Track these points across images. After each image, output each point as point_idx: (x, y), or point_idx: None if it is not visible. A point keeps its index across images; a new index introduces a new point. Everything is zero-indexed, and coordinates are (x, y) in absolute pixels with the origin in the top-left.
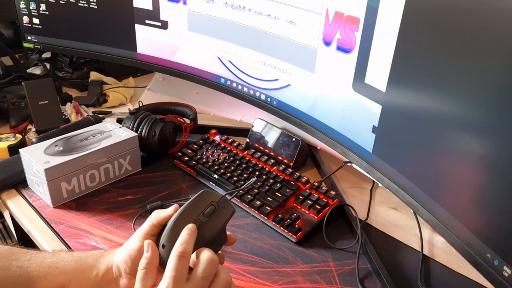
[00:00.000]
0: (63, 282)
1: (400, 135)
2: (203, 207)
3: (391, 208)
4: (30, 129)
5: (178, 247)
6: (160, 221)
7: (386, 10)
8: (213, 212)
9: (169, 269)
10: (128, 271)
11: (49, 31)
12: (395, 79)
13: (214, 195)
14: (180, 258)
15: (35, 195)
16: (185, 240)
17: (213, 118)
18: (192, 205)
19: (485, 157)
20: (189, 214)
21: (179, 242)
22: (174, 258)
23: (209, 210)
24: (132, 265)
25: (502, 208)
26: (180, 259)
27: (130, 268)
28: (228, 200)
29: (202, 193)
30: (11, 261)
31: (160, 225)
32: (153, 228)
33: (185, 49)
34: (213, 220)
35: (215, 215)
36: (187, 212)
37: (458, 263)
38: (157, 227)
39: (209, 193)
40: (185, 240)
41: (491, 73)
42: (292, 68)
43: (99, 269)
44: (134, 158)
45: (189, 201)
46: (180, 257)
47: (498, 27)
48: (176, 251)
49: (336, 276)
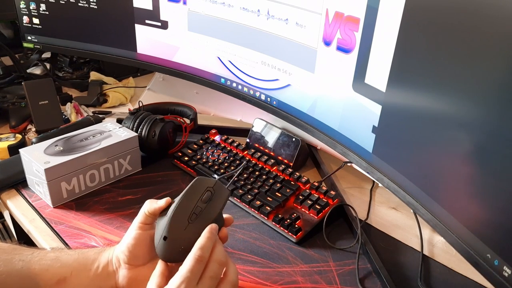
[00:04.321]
0: (65, 275)
1: (400, 135)
2: (200, 193)
3: (391, 208)
4: (30, 129)
5: (197, 251)
6: (151, 212)
7: (386, 10)
8: (211, 198)
9: (185, 270)
10: (127, 260)
11: (49, 31)
12: (395, 79)
13: (208, 181)
14: (198, 261)
15: (35, 195)
16: (205, 245)
17: (213, 118)
18: (189, 194)
19: (484, 157)
20: (187, 203)
21: (198, 245)
22: (192, 260)
23: (206, 196)
24: (130, 254)
25: (502, 208)
26: (198, 262)
27: (128, 257)
28: (221, 184)
29: (196, 181)
30: (14, 255)
31: (152, 215)
32: (146, 217)
33: (185, 49)
34: (212, 205)
35: (212, 200)
36: (185, 201)
37: (458, 263)
38: (150, 216)
39: (203, 180)
40: (205, 245)
41: (491, 73)
42: (292, 68)
43: (100, 261)
44: (134, 158)
45: (185, 190)
46: (198, 261)
47: (498, 27)
48: (196, 254)
49: (336, 276)
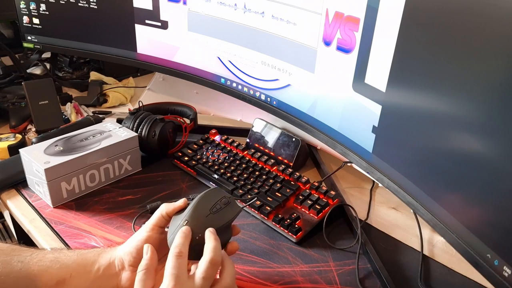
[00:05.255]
0: (64, 276)
1: (400, 135)
2: (219, 197)
3: (391, 208)
4: (30, 129)
5: (174, 248)
6: (169, 212)
7: (386, 10)
8: (228, 203)
9: (169, 267)
10: (132, 262)
11: (49, 31)
12: (395, 79)
13: (225, 193)
14: (177, 257)
15: (35, 195)
16: (180, 243)
17: (213, 118)
18: (207, 196)
19: (484, 157)
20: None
21: (175, 244)
22: (172, 257)
23: (224, 201)
24: (138, 255)
25: (502, 208)
26: (178, 257)
27: (134, 259)
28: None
29: (214, 189)
30: (13, 257)
31: (168, 217)
32: (161, 219)
33: (185, 49)
34: (227, 210)
35: (229, 206)
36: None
37: (458, 263)
38: (165, 218)
39: (221, 190)
40: (180, 242)
41: (491, 73)
42: (292, 68)
43: (101, 263)
44: (134, 158)
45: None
46: (177, 256)
47: (498, 27)
48: (174, 251)
49: (336, 276)
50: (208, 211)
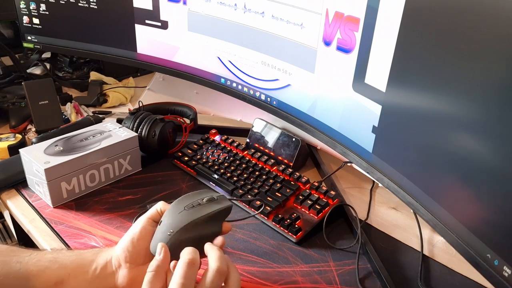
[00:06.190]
0: (63, 277)
1: (400, 135)
2: (203, 197)
3: (391, 208)
4: (30, 129)
5: (187, 255)
6: (163, 209)
7: (386, 10)
8: (213, 200)
9: (178, 276)
10: (129, 258)
11: (49, 31)
12: (395, 79)
13: (213, 193)
14: (189, 265)
15: (35, 195)
16: (194, 250)
17: (213, 118)
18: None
19: (484, 157)
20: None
21: (188, 250)
22: (183, 265)
23: (209, 198)
24: (134, 249)
25: (502, 208)
26: (190, 266)
27: (131, 254)
28: (226, 197)
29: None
30: (11, 257)
31: (162, 213)
32: (156, 214)
33: (185, 49)
34: (211, 205)
35: (214, 202)
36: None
37: (458, 263)
38: (160, 214)
39: (209, 191)
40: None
41: (491, 73)
42: (292, 68)
43: (98, 263)
44: (134, 158)
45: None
46: (189, 265)
47: (498, 27)
48: (186, 258)
49: (336, 276)
50: (182, 208)
